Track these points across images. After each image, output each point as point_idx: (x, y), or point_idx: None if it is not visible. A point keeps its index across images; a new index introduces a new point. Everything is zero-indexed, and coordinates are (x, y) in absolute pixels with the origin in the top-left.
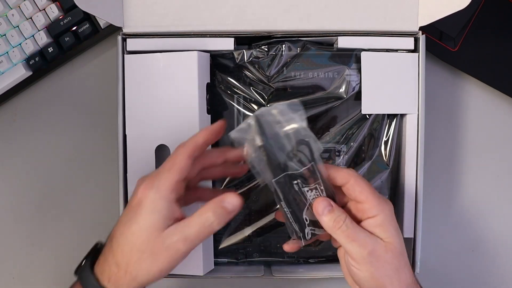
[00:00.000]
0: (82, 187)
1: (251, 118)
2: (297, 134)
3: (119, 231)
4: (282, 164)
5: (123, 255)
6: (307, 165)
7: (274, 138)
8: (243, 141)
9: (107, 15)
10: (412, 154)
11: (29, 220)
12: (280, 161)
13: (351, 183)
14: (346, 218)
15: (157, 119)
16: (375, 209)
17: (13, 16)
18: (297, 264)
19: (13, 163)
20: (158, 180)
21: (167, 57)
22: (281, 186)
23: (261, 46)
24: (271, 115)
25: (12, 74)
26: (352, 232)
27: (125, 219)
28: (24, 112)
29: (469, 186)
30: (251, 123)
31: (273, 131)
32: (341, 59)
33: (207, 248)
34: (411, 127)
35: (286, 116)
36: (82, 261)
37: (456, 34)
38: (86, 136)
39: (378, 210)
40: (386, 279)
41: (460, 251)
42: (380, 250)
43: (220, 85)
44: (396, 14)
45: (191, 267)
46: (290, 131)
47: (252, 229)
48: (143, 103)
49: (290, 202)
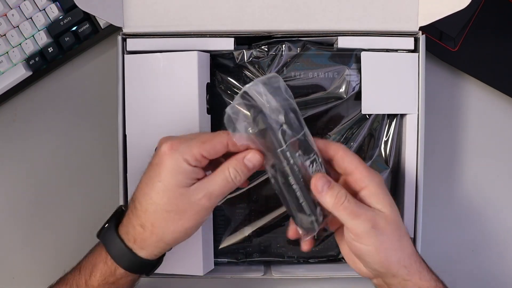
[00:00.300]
0: (82, 187)
1: (239, 97)
2: (284, 104)
3: (142, 191)
4: (281, 134)
5: (148, 216)
6: (300, 132)
7: (268, 110)
8: (236, 120)
9: (107, 15)
10: (412, 154)
11: (29, 220)
12: (279, 132)
13: (340, 155)
14: (346, 193)
15: (157, 119)
16: (366, 179)
17: (13, 16)
18: (297, 264)
19: (13, 163)
20: (186, 145)
21: (167, 57)
22: (286, 157)
23: (261, 46)
24: (257, 90)
25: (12, 74)
26: (354, 207)
27: (147, 179)
28: (24, 112)
29: (469, 186)
30: (241, 102)
31: (264, 104)
32: (341, 59)
33: (207, 248)
34: (411, 127)
35: (270, 88)
36: (104, 224)
37: (456, 34)
38: (86, 136)
39: (369, 180)
40: (390, 251)
41: (460, 251)
42: (382, 222)
43: (220, 85)
44: (396, 14)
45: (191, 267)
46: (278, 102)
47: (252, 229)
48: (143, 103)
49: (297, 176)
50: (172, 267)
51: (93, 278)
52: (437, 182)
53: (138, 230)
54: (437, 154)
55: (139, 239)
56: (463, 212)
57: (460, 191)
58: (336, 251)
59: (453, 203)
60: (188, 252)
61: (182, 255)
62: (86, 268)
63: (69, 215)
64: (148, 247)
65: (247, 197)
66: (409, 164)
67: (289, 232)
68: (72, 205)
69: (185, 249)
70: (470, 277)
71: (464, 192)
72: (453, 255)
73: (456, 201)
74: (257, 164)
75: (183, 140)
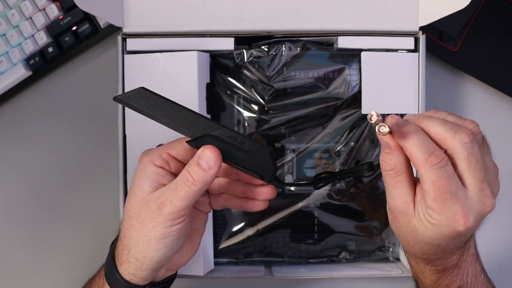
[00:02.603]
0: (82, 187)
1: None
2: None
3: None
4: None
5: (122, 225)
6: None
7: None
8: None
9: (107, 15)
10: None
11: (29, 220)
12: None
13: (420, 175)
14: (392, 169)
15: None
16: (431, 211)
17: (13, 16)
18: (297, 264)
19: (13, 163)
20: (157, 148)
21: (167, 57)
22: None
23: (261, 46)
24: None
25: (12, 74)
26: (388, 182)
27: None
28: (24, 112)
29: None
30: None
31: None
32: (341, 59)
33: (207, 248)
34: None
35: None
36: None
37: (456, 34)
38: (86, 136)
39: (435, 218)
40: (402, 233)
41: None
42: (403, 219)
43: (220, 85)
44: (396, 14)
45: (191, 267)
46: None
47: (252, 229)
48: None
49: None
50: None
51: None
52: None
53: (118, 243)
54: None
55: (117, 253)
56: None
57: None
58: (336, 251)
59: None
60: None
61: None
62: (92, 280)
63: (69, 215)
64: (123, 263)
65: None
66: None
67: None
68: (72, 205)
69: None
70: None
71: None
72: None
73: None
74: (211, 162)
75: (159, 146)
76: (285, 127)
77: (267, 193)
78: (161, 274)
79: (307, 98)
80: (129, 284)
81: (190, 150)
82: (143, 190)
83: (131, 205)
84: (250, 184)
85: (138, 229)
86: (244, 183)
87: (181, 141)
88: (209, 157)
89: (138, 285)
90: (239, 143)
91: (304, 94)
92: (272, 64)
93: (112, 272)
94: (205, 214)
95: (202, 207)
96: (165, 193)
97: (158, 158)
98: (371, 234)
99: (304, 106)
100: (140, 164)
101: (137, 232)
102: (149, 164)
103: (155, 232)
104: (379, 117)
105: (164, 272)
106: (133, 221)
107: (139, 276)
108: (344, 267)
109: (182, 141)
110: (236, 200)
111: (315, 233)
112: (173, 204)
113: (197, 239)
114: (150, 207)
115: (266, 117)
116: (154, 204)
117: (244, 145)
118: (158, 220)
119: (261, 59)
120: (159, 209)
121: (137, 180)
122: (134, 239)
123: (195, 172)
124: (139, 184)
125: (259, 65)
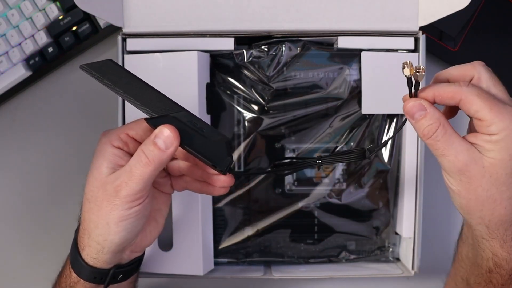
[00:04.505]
0: (82, 187)
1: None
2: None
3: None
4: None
5: (83, 212)
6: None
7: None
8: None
9: (107, 15)
10: (412, 154)
11: (29, 220)
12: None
13: (463, 103)
14: (439, 126)
15: None
16: (494, 126)
17: (13, 16)
18: (297, 264)
19: (13, 163)
20: (116, 128)
21: (167, 57)
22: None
23: (261, 46)
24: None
25: (12, 74)
26: (443, 144)
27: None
28: (24, 112)
29: None
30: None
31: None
32: (341, 59)
33: (207, 248)
34: (411, 127)
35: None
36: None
37: (456, 34)
38: (86, 136)
39: (499, 128)
40: (474, 202)
41: None
42: (475, 171)
43: (220, 85)
44: (396, 14)
45: (191, 267)
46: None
47: (252, 229)
48: None
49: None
50: (172, 267)
51: (61, 280)
52: (437, 182)
53: (80, 227)
54: None
55: (79, 238)
56: None
57: None
58: (336, 251)
59: (453, 203)
60: (188, 252)
61: (182, 255)
62: (62, 271)
63: (69, 215)
64: (85, 247)
65: (247, 197)
66: (409, 164)
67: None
68: (72, 205)
69: (185, 249)
70: None
71: None
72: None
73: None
74: (169, 141)
75: (119, 127)
76: (285, 127)
77: (223, 181)
78: (126, 257)
79: (307, 98)
80: (93, 268)
81: (149, 131)
82: (101, 172)
83: (89, 187)
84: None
85: (97, 212)
86: (202, 169)
87: (140, 122)
88: (167, 136)
89: (102, 269)
90: (197, 129)
91: (304, 94)
92: (272, 64)
93: (75, 258)
94: (168, 195)
95: (164, 188)
96: (120, 176)
97: (116, 139)
98: (371, 234)
99: (304, 106)
100: (99, 145)
101: (95, 216)
102: (107, 145)
103: (113, 215)
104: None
105: (129, 254)
106: (92, 204)
107: (102, 259)
108: (344, 267)
109: (141, 121)
110: (196, 183)
111: (315, 233)
112: (128, 187)
113: (161, 219)
114: (107, 190)
115: (266, 117)
116: (111, 186)
117: (202, 132)
118: (115, 203)
119: (261, 59)
120: (116, 192)
121: (96, 162)
122: (94, 223)
123: (150, 152)
124: (97, 165)
125: (259, 65)
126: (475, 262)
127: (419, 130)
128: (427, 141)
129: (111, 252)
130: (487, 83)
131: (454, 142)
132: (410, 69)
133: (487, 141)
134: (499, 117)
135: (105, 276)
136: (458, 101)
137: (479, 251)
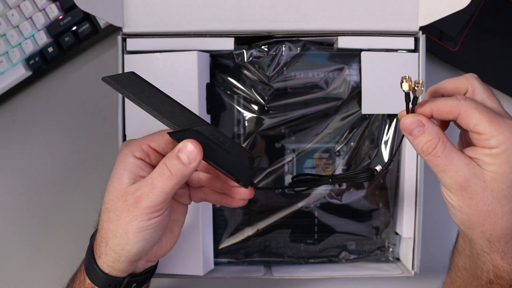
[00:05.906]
0: (82, 187)
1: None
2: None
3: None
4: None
5: (100, 218)
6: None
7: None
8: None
9: (107, 15)
10: (412, 154)
11: (29, 220)
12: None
13: (462, 117)
14: (438, 141)
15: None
16: (494, 139)
17: (13, 16)
18: (297, 264)
19: (13, 163)
20: (138, 139)
21: (167, 57)
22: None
23: (261, 46)
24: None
25: (12, 74)
26: (443, 160)
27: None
28: (24, 112)
29: None
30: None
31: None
32: (341, 59)
33: (207, 248)
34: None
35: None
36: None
37: (456, 34)
38: (86, 136)
39: (499, 142)
40: (475, 217)
41: None
42: (476, 186)
43: (220, 85)
44: (396, 14)
45: (191, 267)
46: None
47: (252, 229)
48: None
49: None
50: (172, 267)
51: (74, 285)
52: (437, 182)
53: (97, 235)
54: None
55: (96, 246)
56: None
57: None
58: (336, 251)
59: (453, 218)
60: (188, 252)
61: (182, 255)
62: (75, 276)
63: (69, 215)
64: (102, 255)
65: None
66: (409, 164)
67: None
68: (72, 205)
69: (185, 249)
70: None
71: None
72: None
73: None
74: (192, 156)
75: (140, 138)
76: (285, 127)
77: (244, 194)
78: (141, 266)
79: (307, 98)
80: (108, 276)
81: (171, 143)
82: (122, 182)
83: (109, 197)
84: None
85: (116, 222)
86: (223, 181)
87: (162, 133)
88: (191, 151)
89: (117, 277)
90: (220, 143)
91: (304, 94)
92: (272, 64)
93: (91, 265)
94: (185, 206)
95: (182, 199)
96: (142, 187)
97: (138, 150)
98: (371, 234)
99: (304, 106)
100: (120, 155)
101: (114, 225)
102: (128, 155)
103: (132, 225)
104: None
105: (144, 263)
106: (111, 214)
107: (118, 268)
108: (344, 267)
109: (163, 133)
110: (215, 195)
111: (315, 233)
112: (149, 199)
113: (177, 230)
114: (127, 200)
115: (266, 117)
116: (132, 197)
117: (224, 146)
118: (135, 214)
119: (261, 59)
120: (136, 203)
121: (116, 172)
122: (112, 232)
123: (173, 165)
124: (118, 176)
125: (259, 65)
126: (474, 273)
127: (418, 146)
128: (426, 158)
129: (128, 261)
130: (482, 95)
131: (454, 157)
132: (409, 84)
133: (487, 154)
134: (499, 130)
135: (120, 284)
136: (457, 115)
137: (478, 264)
